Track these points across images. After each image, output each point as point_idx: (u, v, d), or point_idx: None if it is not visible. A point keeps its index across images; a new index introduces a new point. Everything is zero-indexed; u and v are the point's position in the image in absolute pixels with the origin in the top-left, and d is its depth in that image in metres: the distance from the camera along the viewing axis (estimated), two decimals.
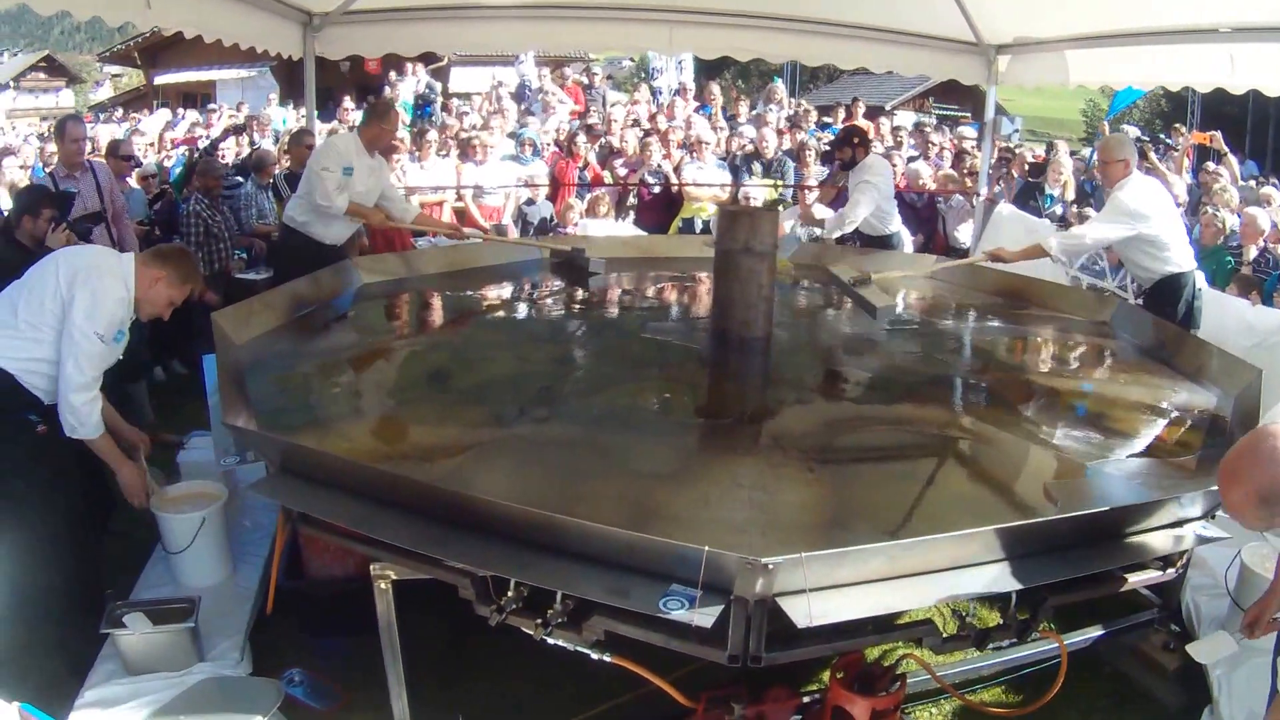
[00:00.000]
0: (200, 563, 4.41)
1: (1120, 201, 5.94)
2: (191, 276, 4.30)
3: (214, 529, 4.41)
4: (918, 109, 27.37)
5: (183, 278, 4.22)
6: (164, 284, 4.16)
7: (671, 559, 2.68)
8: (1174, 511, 3.31)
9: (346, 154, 6.65)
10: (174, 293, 4.21)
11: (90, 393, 3.94)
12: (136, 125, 14.14)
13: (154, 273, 4.13)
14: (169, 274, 4.16)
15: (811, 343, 5.59)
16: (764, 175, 10.61)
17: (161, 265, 4.17)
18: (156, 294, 4.16)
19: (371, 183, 6.76)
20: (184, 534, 4.31)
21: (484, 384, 4.52)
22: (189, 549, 4.33)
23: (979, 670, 4.26)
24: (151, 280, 4.13)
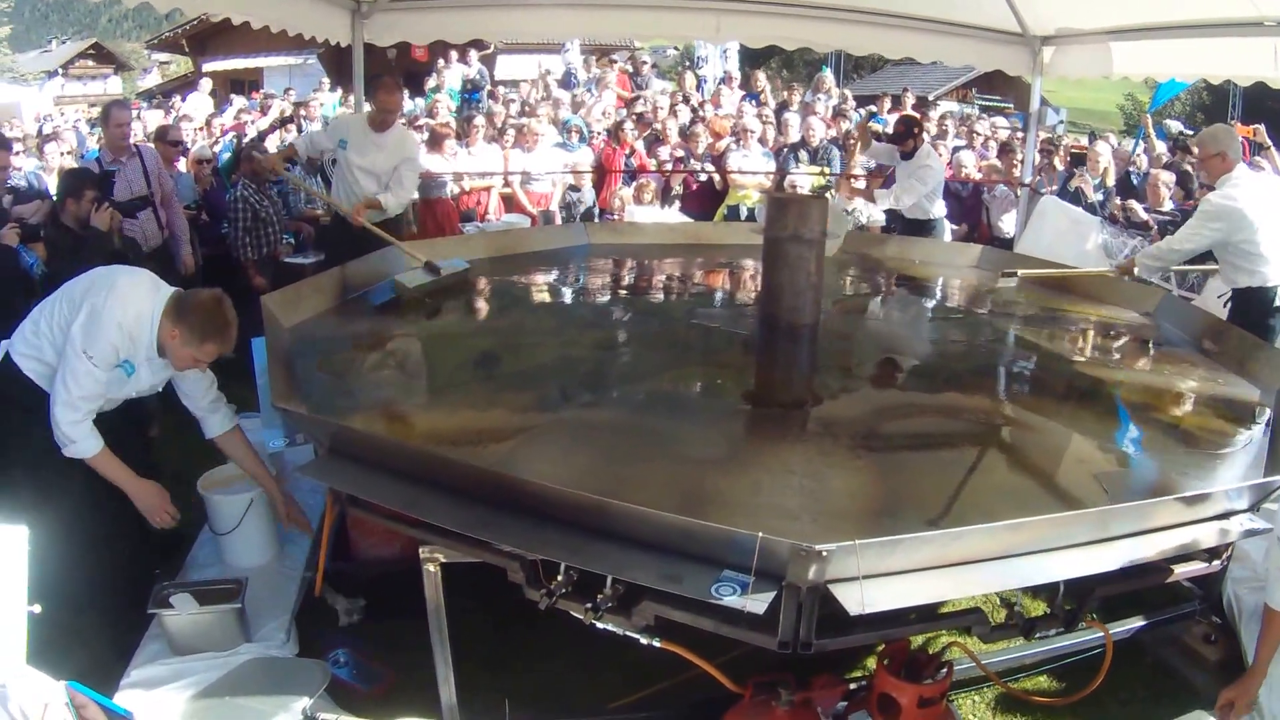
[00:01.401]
0: (248, 543, 4.41)
1: (1207, 204, 5.64)
2: (212, 335, 3.85)
3: (261, 509, 4.42)
4: (960, 100, 27.10)
5: (199, 337, 3.82)
6: (179, 342, 3.84)
7: (724, 545, 2.67)
8: (1221, 503, 3.27)
9: (344, 128, 6.78)
10: (188, 353, 3.86)
11: (75, 413, 3.73)
12: (181, 110, 14.24)
13: (169, 328, 3.84)
14: (182, 333, 3.81)
15: (859, 330, 5.55)
16: (810, 163, 10.56)
17: (176, 321, 3.84)
18: (174, 351, 3.88)
19: (377, 160, 6.67)
20: (231, 515, 4.33)
21: (533, 369, 4.54)
22: (236, 530, 4.35)
23: (1021, 659, 4.24)
24: (168, 335, 3.85)
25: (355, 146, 6.65)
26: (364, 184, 6.66)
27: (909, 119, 8.76)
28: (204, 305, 3.88)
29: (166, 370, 4.03)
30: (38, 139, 11.56)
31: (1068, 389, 4.49)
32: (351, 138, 6.65)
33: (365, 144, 6.65)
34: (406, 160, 6.76)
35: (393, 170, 6.67)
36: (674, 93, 13.93)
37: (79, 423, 3.75)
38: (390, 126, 6.74)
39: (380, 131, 6.67)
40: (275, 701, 3.19)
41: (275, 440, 4.02)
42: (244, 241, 7.75)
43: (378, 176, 6.66)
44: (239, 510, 4.33)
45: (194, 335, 3.81)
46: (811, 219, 4.63)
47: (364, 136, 6.65)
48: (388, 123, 6.69)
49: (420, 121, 11.44)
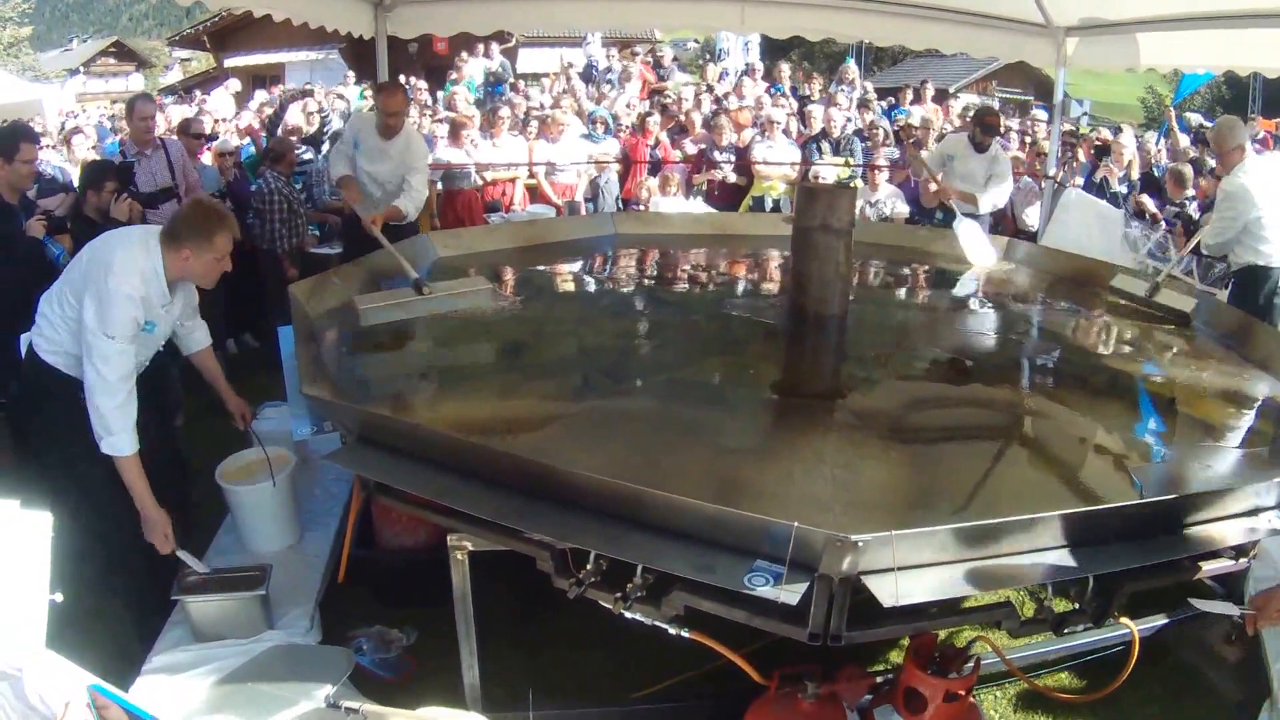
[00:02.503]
0: (268, 530, 4.44)
1: (1221, 193, 5.84)
2: (215, 227, 3.89)
3: (283, 496, 4.43)
4: (981, 92, 27.00)
5: (207, 237, 3.87)
6: (196, 258, 3.88)
7: (757, 535, 2.66)
8: (1250, 500, 3.24)
9: (357, 129, 6.72)
10: (208, 259, 3.90)
11: (115, 397, 3.70)
12: (203, 105, 14.28)
13: (179, 253, 3.86)
14: (192, 248, 3.85)
15: (888, 320, 5.53)
16: (833, 154, 10.53)
17: (179, 243, 3.86)
18: (193, 269, 3.93)
19: (383, 169, 6.63)
20: (252, 504, 4.36)
21: (561, 358, 4.54)
22: (257, 516, 4.37)
23: (1043, 655, 4.24)
24: (181, 261, 3.87)
25: (366, 152, 6.62)
26: (370, 190, 6.64)
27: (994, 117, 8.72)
28: (189, 215, 3.95)
29: (179, 304, 4.08)
30: (61, 135, 11.61)
31: (1095, 381, 4.46)
32: (363, 141, 6.62)
33: (374, 151, 6.61)
34: (413, 170, 6.67)
35: (399, 179, 6.61)
36: (697, 84, 13.91)
37: (121, 409, 3.72)
38: (397, 131, 6.66)
39: (388, 139, 6.61)
40: (298, 689, 3.17)
41: (302, 428, 4.00)
42: (280, 233, 7.76)
43: (384, 185, 6.63)
44: (258, 499, 4.35)
45: (202, 241, 3.86)
46: (841, 209, 4.62)
47: (373, 142, 6.61)
48: (394, 128, 6.61)
49: (441, 115, 11.45)
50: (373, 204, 6.56)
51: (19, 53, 37.67)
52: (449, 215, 8.94)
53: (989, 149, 7.97)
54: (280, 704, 3.12)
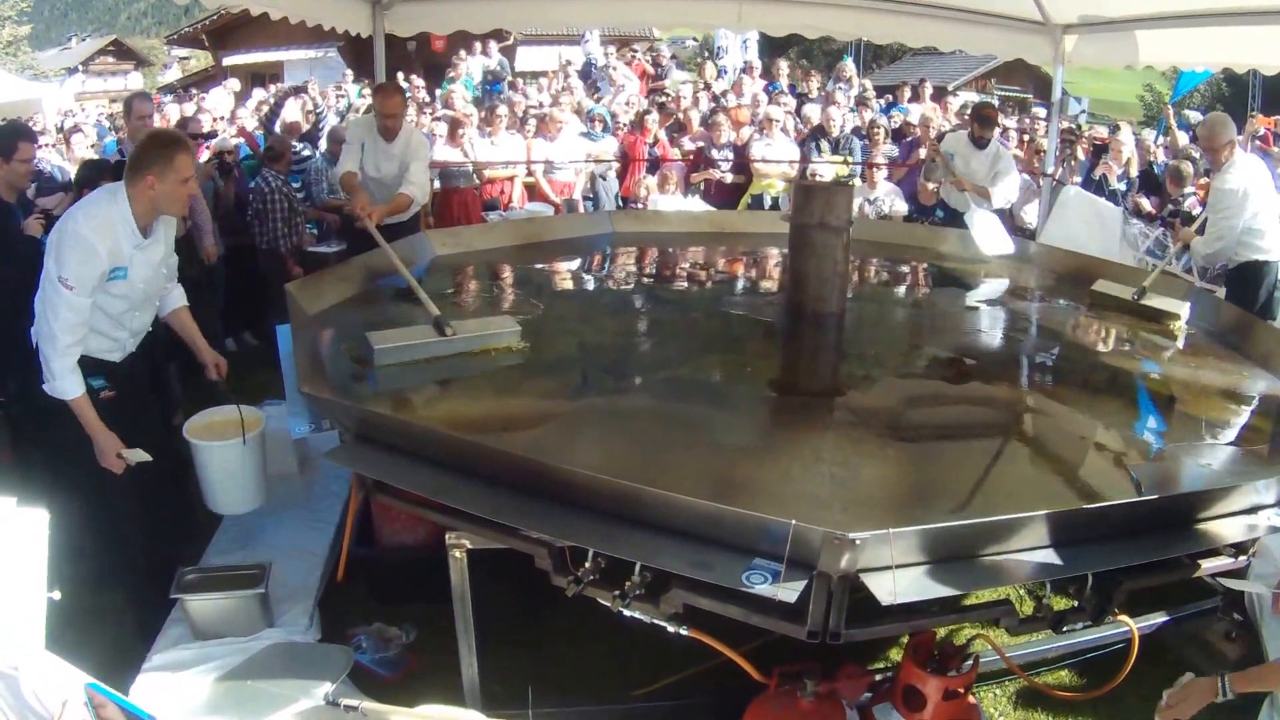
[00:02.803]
0: (233, 491, 4.28)
1: (1215, 195, 5.83)
2: (171, 148, 3.85)
3: (252, 456, 4.27)
4: (980, 90, 26.98)
5: (166, 158, 3.82)
6: (158, 183, 3.82)
7: (755, 532, 2.66)
8: (1250, 497, 3.24)
9: (360, 132, 6.67)
10: (172, 181, 3.85)
11: (56, 345, 3.70)
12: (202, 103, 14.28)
13: (144, 182, 3.81)
14: (155, 172, 3.80)
15: (886, 318, 5.54)
16: (832, 153, 10.53)
17: (142, 172, 3.81)
18: (160, 195, 3.85)
19: (387, 171, 6.57)
20: (219, 463, 4.20)
21: (559, 356, 4.52)
22: (224, 477, 4.23)
23: (1044, 653, 4.25)
24: (147, 190, 3.82)
25: (369, 156, 6.57)
26: (375, 191, 6.54)
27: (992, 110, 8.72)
28: (146, 143, 3.93)
29: (158, 245, 4.02)
30: (60, 134, 11.63)
31: (1094, 379, 4.46)
32: (366, 144, 6.57)
33: (376, 154, 6.57)
34: (413, 159, 6.58)
35: (395, 176, 6.55)
36: (695, 82, 13.90)
37: (63, 356, 3.71)
38: (397, 132, 6.60)
39: (389, 140, 6.57)
40: (297, 686, 3.18)
41: (300, 426, 3.99)
42: (281, 232, 7.75)
43: (389, 187, 6.55)
44: (226, 458, 4.19)
45: (164, 164, 3.82)
46: (838, 207, 4.62)
47: (375, 145, 6.57)
48: (393, 129, 6.56)
49: (439, 113, 11.44)
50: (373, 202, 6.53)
51: (17, 51, 37.61)
52: (447, 213, 8.92)
53: (989, 145, 7.96)
54: (280, 702, 3.13)
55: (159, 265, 4.07)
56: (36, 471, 4.38)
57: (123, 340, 4.03)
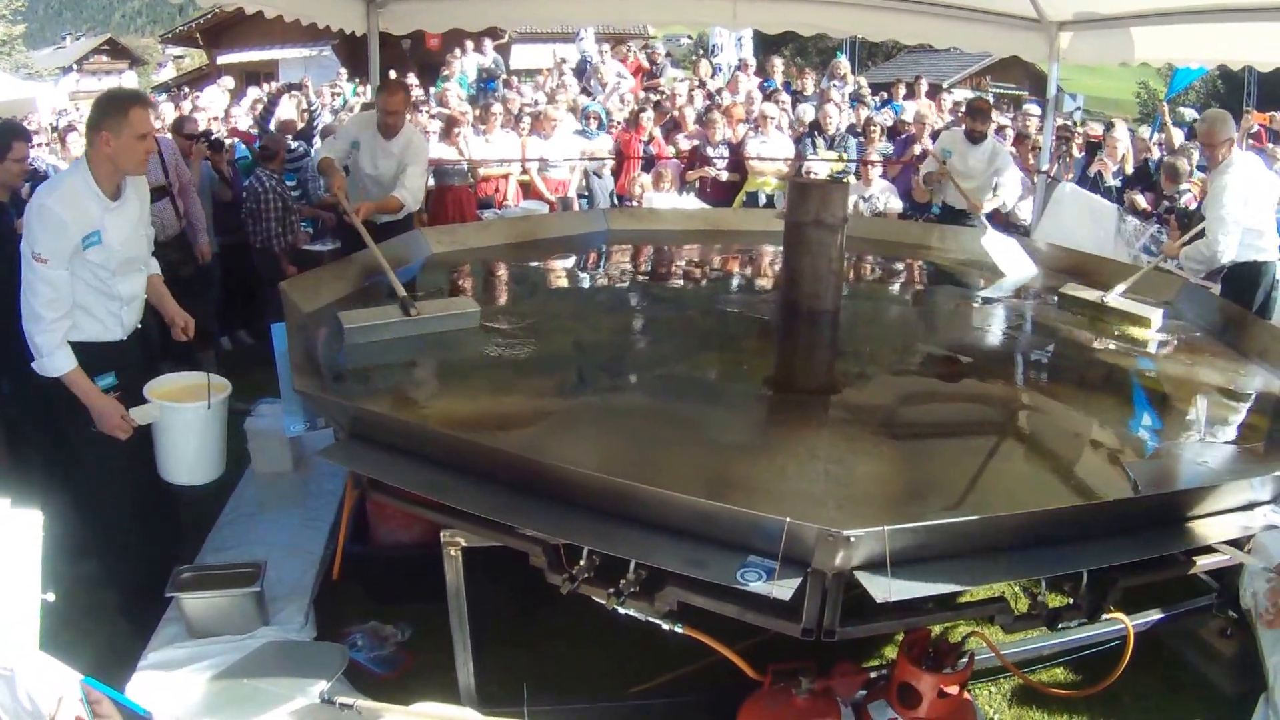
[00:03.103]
0: (191, 459, 4.10)
1: (1215, 197, 5.82)
2: (126, 104, 3.82)
3: (215, 425, 4.10)
4: (975, 87, 26.98)
5: (122, 116, 3.77)
6: (114, 140, 3.77)
7: (750, 530, 2.65)
8: (1245, 494, 3.23)
9: (356, 129, 6.68)
10: (127, 137, 3.80)
11: (40, 324, 3.70)
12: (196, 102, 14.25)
13: (99, 139, 3.78)
14: (109, 128, 3.76)
15: (881, 315, 5.55)
16: (827, 150, 10.54)
17: (98, 130, 3.79)
18: (118, 153, 3.81)
19: (385, 168, 6.56)
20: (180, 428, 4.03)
21: (554, 354, 4.52)
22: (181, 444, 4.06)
23: (1039, 650, 4.24)
24: (105, 149, 3.79)
25: (366, 152, 6.57)
26: (371, 190, 6.58)
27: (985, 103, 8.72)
28: (101, 101, 3.92)
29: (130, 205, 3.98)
30: (55, 133, 11.59)
31: (1090, 377, 4.46)
32: (363, 141, 6.57)
33: (375, 151, 6.56)
34: (410, 162, 6.60)
35: (391, 175, 6.55)
36: (690, 79, 13.90)
37: (47, 332, 3.71)
38: (397, 130, 6.60)
39: (389, 138, 6.56)
40: (292, 684, 3.19)
41: (295, 425, 3.97)
42: (275, 231, 7.74)
43: (385, 186, 6.56)
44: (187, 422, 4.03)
45: (118, 118, 3.78)
46: (833, 204, 4.62)
47: (373, 142, 6.55)
48: (393, 126, 6.55)
49: (434, 111, 11.43)
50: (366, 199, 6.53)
51: (12, 50, 37.57)
52: (441, 212, 8.92)
53: (985, 141, 7.96)
54: (275, 700, 3.13)
55: (135, 227, 4.03)
56: (32, 472, 4.38)
57: (117, 312, 4.00)
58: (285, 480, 5.11)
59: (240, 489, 5.04)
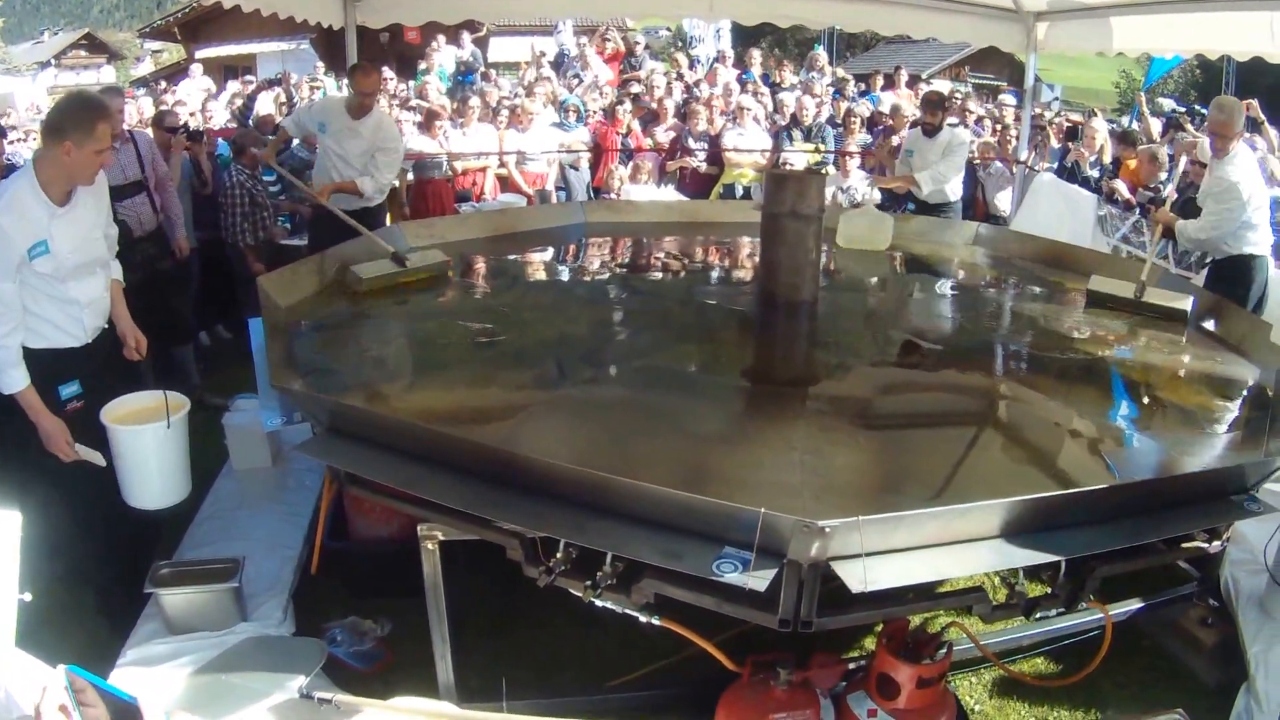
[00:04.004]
0: (154, 482, 3.97)
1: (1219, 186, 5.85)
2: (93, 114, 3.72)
3: (176, 443, 3.95)
4: (954, 78, 27.09)
5: (89, 130, 3.68)
6: (75, 151, 3.67)
7: (725, 521, 2.66)
8: (1223, 482, 3.26)
9: (325, 111, 6.72)
10: (89, 150, 3.72)
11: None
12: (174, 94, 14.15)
13: (61, 147, 3.67)
14: (74, 139, 3.66)
15: (860, 306, 5.54)
16: (805, 141, 10.55)
17: (61, 137, 3.66)
18: (75, 163, 3.72)
19: (353, 147, 6.56)
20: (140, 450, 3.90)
21: (531, 347, 4.50)
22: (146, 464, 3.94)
23: (1019, 641, 4.25)
24: (63, 155, 3.68)
25: (334, 133, 6.56)
26: (341, 171, 6.58)
27: (936, 95, 8.73)
28: (68, 107, 3.82)
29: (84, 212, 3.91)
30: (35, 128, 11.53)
31: (1068, 366, 4.46)
32: (331, 122, 6.56)
33: (343, 131, 6.55)
34: (383, 149, 6.63)
35: (368, 159, 6.58)
36: (668, 72, 13.89)
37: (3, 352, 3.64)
38: (369, 111, 6.61)
39: (358, 118, 6.56)
40: (271, 680, 3.15)
41: (272, 419, 3.95)
42: (242, 227, 7.70)
43: (353, 164, 6.57)
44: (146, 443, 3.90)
45: (85, 131, 3.68)
46: (810, 195, 4.62)
47: (342, 122, 6.54)
48: (366, 107, 6.56)
49: (412, 103, 11.40)
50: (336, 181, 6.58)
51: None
52: (420, 205, 8.91)
53: (941, 133, 7.99)
54: (254, 696, 3.11)
55: (89, 230, 3.95)
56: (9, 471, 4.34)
57: (77, 315, 3.93)
58: (264, 476, 5.09)
59: (219, 485, 5.02)
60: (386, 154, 6.62)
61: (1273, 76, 19.12)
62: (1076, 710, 4.02)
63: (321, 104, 6.94)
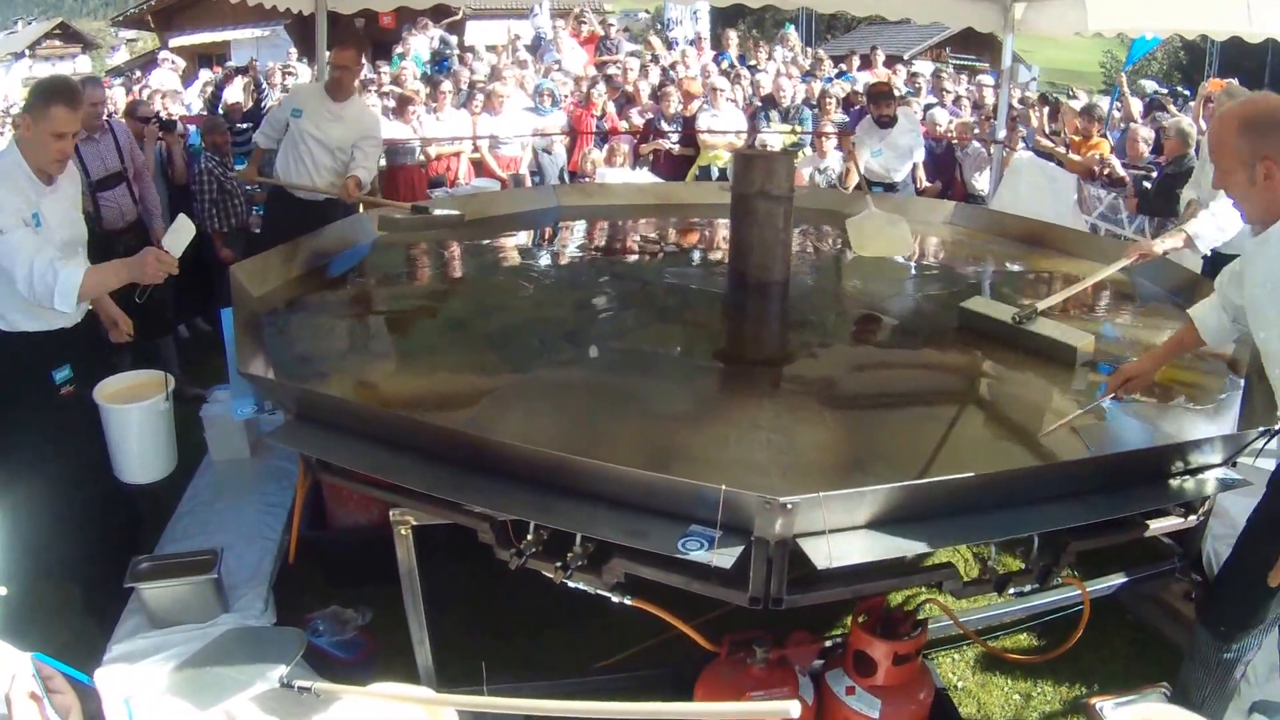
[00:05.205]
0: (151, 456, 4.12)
1: None
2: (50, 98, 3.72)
3: (168, 419, 4.12)
4: (935, 59, 27.03)
5: (43, 109, 3.70)
6: (32, 128, 3.72)
7: (690, 499, 2.66)
8: (1196, 456, 3.26)
9: (300, 97, 6.66)
10: (42, 131, 3.73)
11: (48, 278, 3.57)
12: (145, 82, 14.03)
13: (24, 124, 3.75)
14: (32, 115, 3.71)
15: (829, 286, 5.55)
16: (782, 122, 10.54)
17: (24, 111, 3.79)
18: (38, 146, 3.75)
19: (333, 132, 6.44)
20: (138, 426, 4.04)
21: (502, 330, 4.51)
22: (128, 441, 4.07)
23: (1000, 617, 4.26)
24: (25, 133, 3.75)
25: (311, 117, 6.43)
26: (317, 155, 6.46)
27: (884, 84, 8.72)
28: (34, 86, 3.88)
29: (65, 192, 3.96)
30: (9, 119, 11.43)
31: None
32: (308, 107, 6.45)
33: (322, 115, 6.43)
34: (367, 138, 6.52)
35: (349, 145, 6.45)
36: (642, 55, 13.86)
37: (58, 279, 3.58)
38: (348, 91, 6.51)
39: (339, 101, 6.45)
40: (252, 670, 3.17)
41: (243, 408, 3.96)
42: (210, 214, 7.67)
43: (332, 150, 6.46)
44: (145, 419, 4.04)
45: (38, 110, 3.70)
46: (779, 175, 4.63)
47: (321, 106, 6.43)
48: (344, 84, 6.45)
49: (385, 88, 11.35)
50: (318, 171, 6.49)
51: None
52: (393, 191, 8.87)
53: (893, 122, 8.00)
54: (235, 687, 3.12)
55: (70, 210, 4.01)
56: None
57: None
58: (243, 467, 5.09)
59: (198, 478, 5.01)
60: (371, 142, 6.56)
61: (1255, 59, 19.27)
62: (1061, 686, 4.06)
63: (294, 92, 6.91)
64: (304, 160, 6.46)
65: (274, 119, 6.77)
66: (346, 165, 6.42)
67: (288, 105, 6.63)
